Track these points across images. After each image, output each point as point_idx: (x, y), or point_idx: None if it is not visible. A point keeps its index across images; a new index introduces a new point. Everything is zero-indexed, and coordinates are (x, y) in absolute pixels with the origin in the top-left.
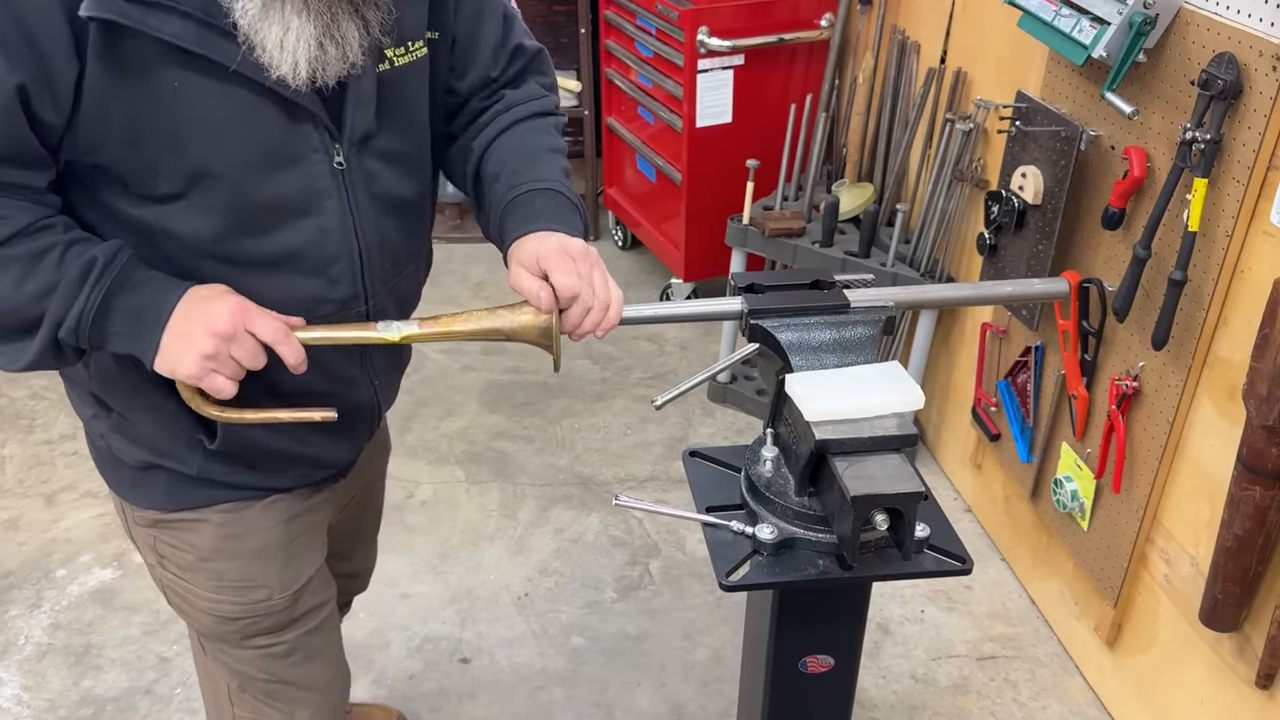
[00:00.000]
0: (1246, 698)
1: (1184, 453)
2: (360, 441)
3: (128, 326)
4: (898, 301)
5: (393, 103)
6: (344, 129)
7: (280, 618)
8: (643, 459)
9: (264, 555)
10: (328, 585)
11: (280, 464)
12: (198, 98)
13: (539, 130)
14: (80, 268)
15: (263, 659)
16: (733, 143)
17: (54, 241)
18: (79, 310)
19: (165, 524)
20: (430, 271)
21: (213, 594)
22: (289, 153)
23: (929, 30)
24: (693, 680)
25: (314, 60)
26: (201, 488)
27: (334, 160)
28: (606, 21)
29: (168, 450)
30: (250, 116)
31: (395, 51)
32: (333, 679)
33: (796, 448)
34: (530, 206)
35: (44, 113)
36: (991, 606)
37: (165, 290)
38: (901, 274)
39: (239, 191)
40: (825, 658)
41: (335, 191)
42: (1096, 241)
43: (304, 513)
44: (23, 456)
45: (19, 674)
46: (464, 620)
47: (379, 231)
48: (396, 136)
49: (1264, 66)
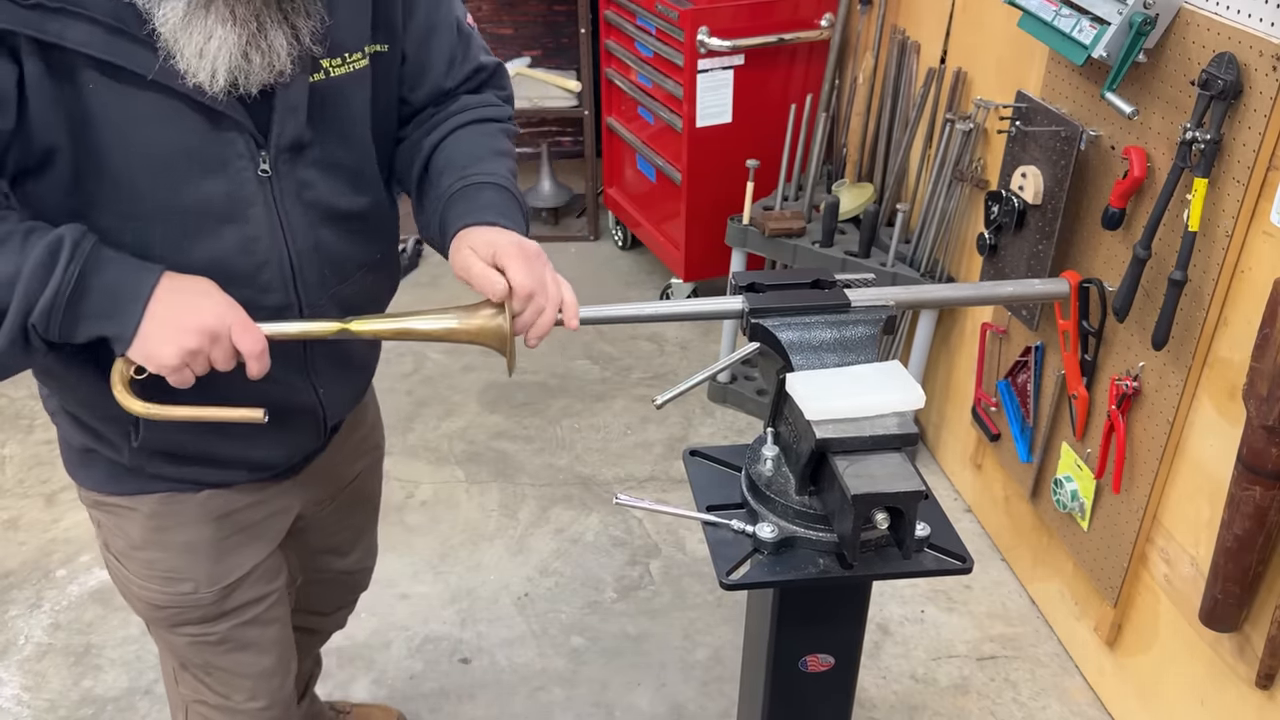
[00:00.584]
0: (1246, 698)
1: (1184, 453)
2: (304, 445)
3: (104, 306)
4: (898, 301)
5: (328, 113)
6: (270, 136)
7: (208, 610)
8: (643, 459)
9: (192, 549)
10: (272, 578)
11: (209, 463)
12: (114, 102)
13: (489, 134)
14: (46, 250)
15: (193, 646)
16: (733, 143)
17: (10, 230)
18: (54, 290)
19: (104, 506)
20: (400, 279)
21: (143, 581)
22: (211, 159)
23: (929, 30)
24: (693, 680)
25: (236, 69)
26: (134, 477)
27: (259, 167)
28: (606, 21)
29: (104, 437)
30: (170, 122)
31: (331, 62)
32: (270, 669)
33: (797, 447)
34: (478, 198)
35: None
36: (991, 606)
37: (139, 270)
38: (901, 274)
39: (160, 197)
40: (825, 657)
41: (261, 199)
42: (1096, 241)
43: (244, 509)
44: (23, 456)
45: (19, 674)
46: (464, 620)
47: (313, 239)
48: (335, 147)
49: (1264, 66)
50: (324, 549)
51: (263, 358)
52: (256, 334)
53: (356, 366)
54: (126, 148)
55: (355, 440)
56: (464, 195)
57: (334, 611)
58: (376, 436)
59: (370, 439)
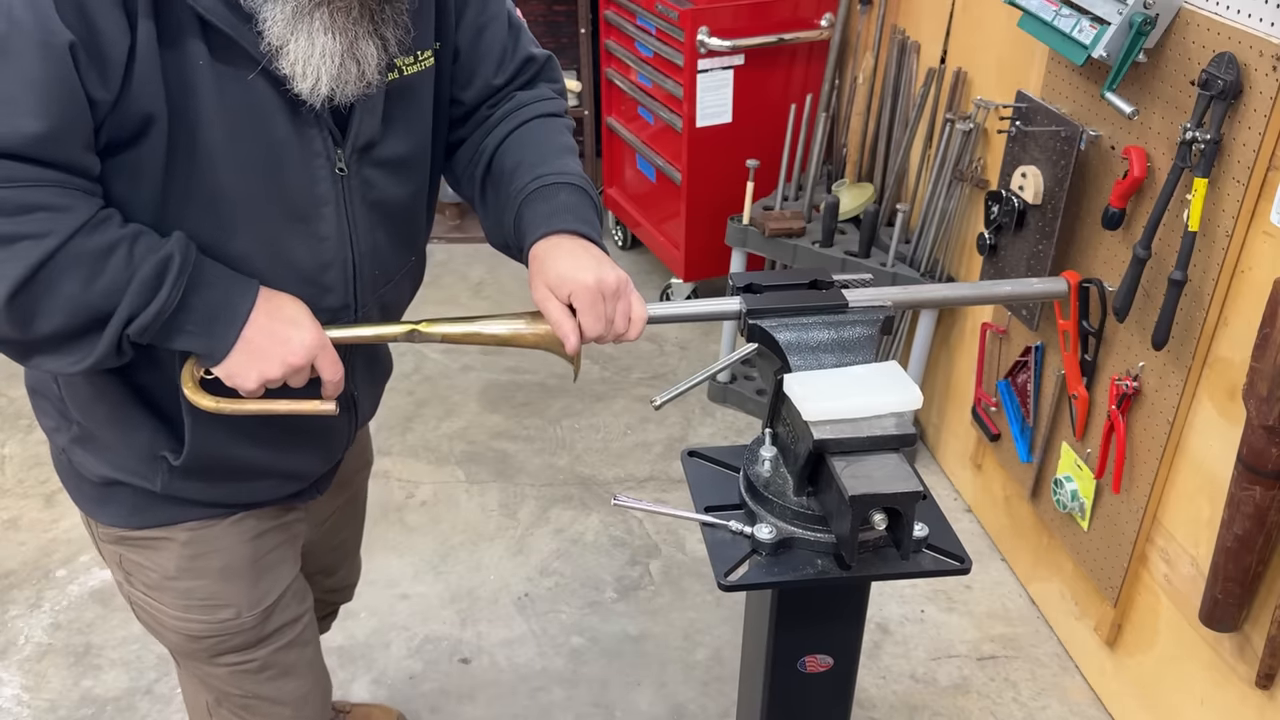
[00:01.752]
0: (1246, 698)
1: (1184, 453)
2: (335, 454)
3: (201, 326)
4: (896, 301)
5: (399, 110)
6: (349, 136)
7: (250, 635)
8: (642, 459)
9: (231, 574)
10: (302, 599)
11: (249, 478)
12: (217, 81)
13: (554, 129)
14: (155, 265)
15: (235, 675)
16: (733, 143)
17: (119, 236)
18: (158, 309)
19: (129, 541)
20: (423, 279)
21: (180, 613)
22: (294, 154)
23: (929, 30)
24: (693, 680)
25: (335, 80)
26: (166, 505)
27: (335, 166)
28: (606, 21)
29: (131, 466)
30: (265, 112)
31: (404, 61)
32: (309, 691)
33: (795, 447)
34: (555, 200)
35: (92, 88)
36: (991, 606)
37: (238, 291)
38: (901, 274)
39: (244, 187)
40: (824, 657)
41: (334, 198)
42: (1096, 241)
43: (274, 529)
44: (23, 456)
45: (19, 674)
46: (464, 620)
47: (372, 240)
48: (399, 143)
49: (1264, 66)
50: (315, 570)
51: (340, 384)
52: (338, 366)
53: (383, 367)
54: (221, 128)
55: (357, 450)
56: (541, 196)
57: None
58: (367, 449)
59: (364, 451)
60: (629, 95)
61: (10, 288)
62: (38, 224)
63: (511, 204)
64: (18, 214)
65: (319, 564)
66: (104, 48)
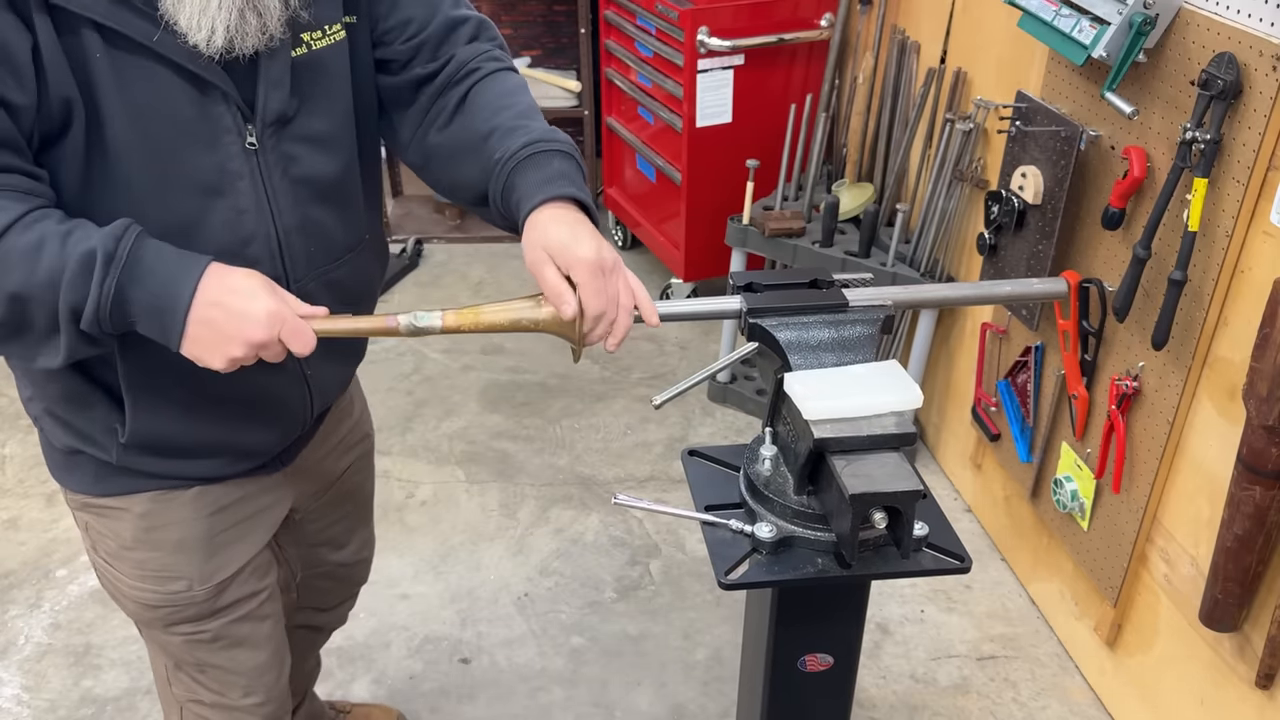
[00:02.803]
0: (1246, 698)
1: (1184, 453)
2: (290, 430)
3: (148, 316)
4: (896, 301)
5: (312, 86)
6: (256, 109)
7: (202, 608)
8: (642, 459)
9: (185, 547)
10: (264, 574)
11: (199, 455)
12: (115, 69)
13: (512, 87)
14: (81, 258)
15: (187, 644)
16: (733, 143)
17: (50, 233)
18: (94, 303)
19: (93, 508)
20: (387, 263)
21: (136, 582)
22: (202, 131)
23: (929, 30)
24: (693, 680)
25: (232, 28)
26: (122, 475)
27: (246, 141)
28: (606, 21)
29: (90, 436)
30: (165, 92)
31: (311, 35)
32: (265, 664)
33: (795, 446)
34: (549, 167)
35: (8, 92)
36: (991, 606)
37: (180, 277)
38: (901, 274)
39: (154, 169)
40: (824, 657)
41: (248, 172)
42: (1096, 241)
43: (235, 504)
44: (23, 456)
45: (19, 674)
46: (464, 620)
47: (299, 216)
48: (318, 120)
49: (1264, 66)
50: (320, 542)
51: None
52: (307, 336)
53: (343, 351)
54: (126, 116)
55: (343, 432)
56: (533, 164)
57: (335, 606)
58: (365, 426)
59: (358, 429)
60: (629, 95)
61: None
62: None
63: (500, 170)
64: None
65: (324, 536)
66: (8, 54)
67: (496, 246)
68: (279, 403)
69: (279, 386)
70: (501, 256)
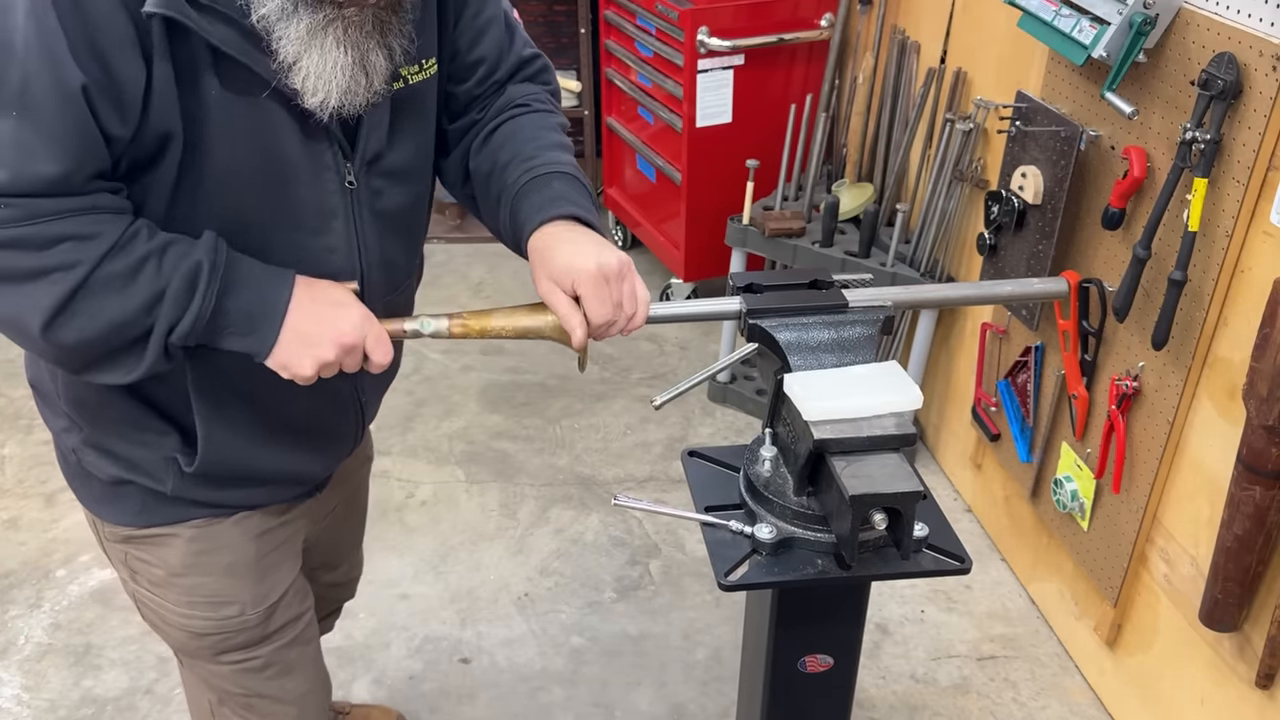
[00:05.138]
0: (1246, 698)
1: (1184, 453)
2: (341, 453)
3: (242, 326)
4: (896, 301)
5: (405, 120)
6: (357, 149)
7: (254, 633)
8: (642, 459)
9: (236, 571)
10: (303, 598)
11: (257, 483)
12: (229, 106)
13: (543, 124)
14: (185, 274)
15: (237, 674)
16: (733, 143)
17: (148, 250)
18: (194, 317)
19: (136, 539)
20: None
21: (184, 609)
22: (305, 169)
23: (929, 30)
24: (693, 680)
25: (345, 93)
26: (173, 505)
27: (345, 179)
28: (606, 21)
29: (141, 467)
30: (275, 131)
31: (409, 70)
32: (310, 689)
33: (795, 447)
34: (548, 189)
35: (109, 125)
36: (991, 606)
37: (274, 285)
38: (901, 274)
39: (254, 204)
40: (824, 657)
41: (343, 210)
42: (1096, 241)
43: (277, 528)
44: (23, 456)
45: (19, 674)
46: (464, 620)
47: (380, 250)
48: (403, 152)
49: (1264, 66)
50: (317, 565)
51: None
52: (388, 346)
53: (388, 374)
54: (231, 151)
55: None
56: (533, 188)
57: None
58: (369, 445)
59: (369, 444)
60: (629, 95)
61: (45, 318)
62: (65, 254)
63: (505, 200)
64: (45, 247)
65: (320, 559)
66: (120, 88)
67: (497, 246)
68: (332, 429)
69: (334, 412)
70: (502, 257)
